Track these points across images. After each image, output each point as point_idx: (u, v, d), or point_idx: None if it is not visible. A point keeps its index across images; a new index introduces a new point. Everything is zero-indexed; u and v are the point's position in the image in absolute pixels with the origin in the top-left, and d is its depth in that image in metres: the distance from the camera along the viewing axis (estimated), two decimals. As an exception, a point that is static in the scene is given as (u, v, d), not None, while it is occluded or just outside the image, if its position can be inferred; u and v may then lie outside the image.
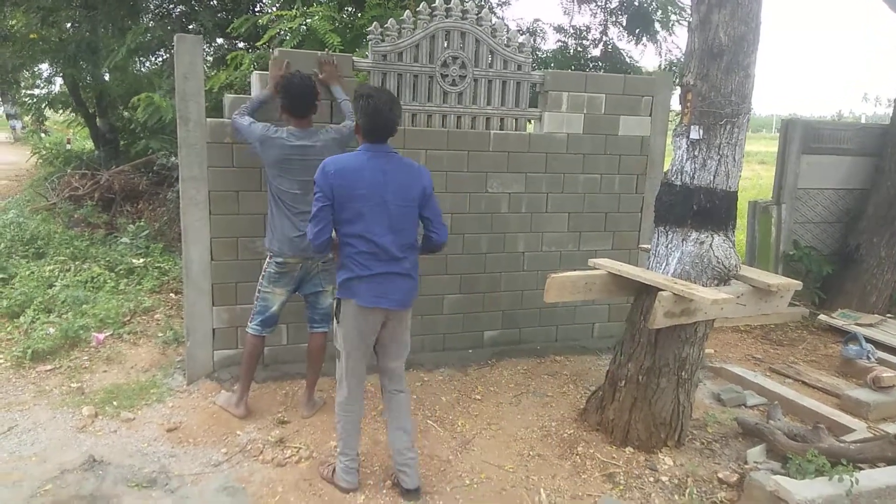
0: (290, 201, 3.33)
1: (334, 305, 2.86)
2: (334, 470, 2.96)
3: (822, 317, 5.50)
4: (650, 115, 4.61)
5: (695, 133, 2.93)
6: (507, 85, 4.30)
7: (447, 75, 4.15)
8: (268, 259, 3.44)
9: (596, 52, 7.38)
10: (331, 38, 5.08)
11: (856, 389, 4.07)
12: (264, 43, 5.33)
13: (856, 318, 5.40)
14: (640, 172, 4.67)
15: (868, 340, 4.79)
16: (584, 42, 7.42)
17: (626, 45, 7.51)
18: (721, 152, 2.92)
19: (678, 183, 3.04)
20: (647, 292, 3.17)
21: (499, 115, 4.31)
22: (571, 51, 7.20)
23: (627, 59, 7.29)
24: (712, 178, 2.95)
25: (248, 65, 5.33)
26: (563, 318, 4.73)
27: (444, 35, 4.10)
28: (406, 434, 2.91)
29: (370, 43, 3.98)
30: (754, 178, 15.47)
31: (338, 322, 2.85)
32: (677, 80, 3.08)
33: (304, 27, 5.54)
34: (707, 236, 2.99)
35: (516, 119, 4.38)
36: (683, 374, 3.19)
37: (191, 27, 7.57)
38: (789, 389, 4.08)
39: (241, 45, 7.15)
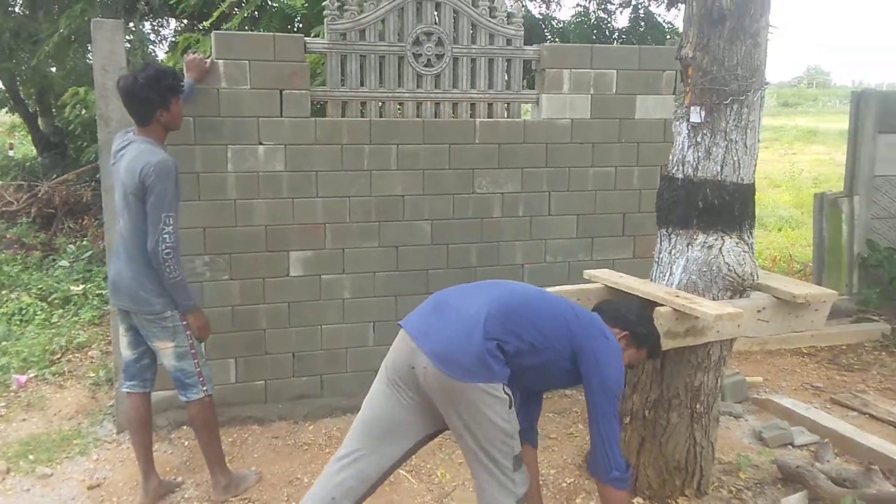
0: None
1: None
2: None
3: (906, 334, 5.47)
4: (674, 94, 4.67)
5: (695, 115, 3.00)
6: (494, 64, 4.41)
7: (421, 55, 4.28)
8: None
9: (624, 18, 7.47)
10: (294, 1, 5.24)
11: (935, 423, 4.07)
12: (214, 21, 5.54)
13: (950, 335, 5.36)
14: (664, 163, 4.71)
15: (960, 362, 4.76)
16: (610, 5, 7.52)
17: (658, 8, 7.59)
18: (728, 137, 2.99)
19: (680, 176, 3.12)
20: (651, 309, 3.23)
21: (486, 100, 4.42)
22: (593, 18, 7.29)
23: (664, 26, 7.36)
24: (719, 168, 3.01)
25: (207, 49, 5.52)
26: (577, 344, 4.78)
27: (415, 7, 4.23)
28: None
29: (326, 20, 4.13)
30: (831, 163, 15.37)
31: None
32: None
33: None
34: (716, 239, 3.05)
35: (508, 104, 4.49)
36: (698, 406, 3.24)
37: (138, 5, 7.86)
38: (849, 425, 4.08)
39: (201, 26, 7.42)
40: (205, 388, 3.35)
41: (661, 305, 2.97)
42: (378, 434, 2.60)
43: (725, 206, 3.03)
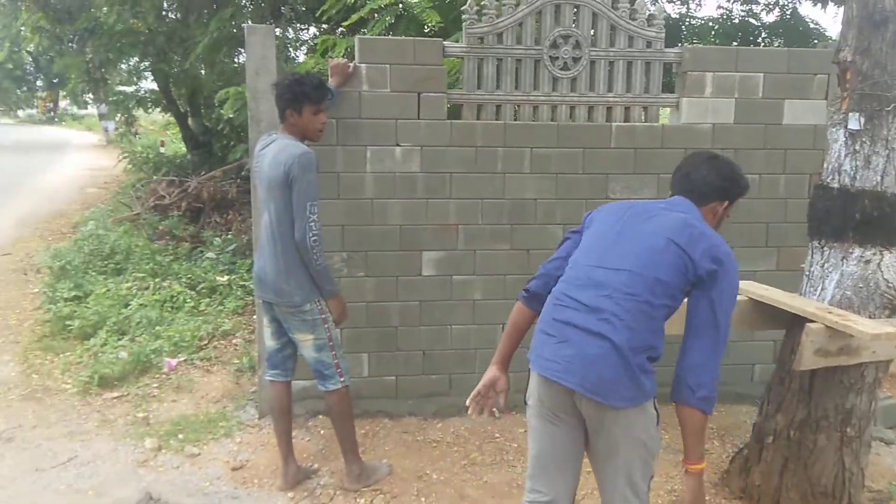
0: None
1: None
2: None
3: None
4: (826, 98, 4.43)
5: (854, 122, 2.84)
6: (632, 67, 4.32)
7: (557, 58, 4.25)
8: None
9: (770, 18, 7.16)
10: (429, 17, 5.35)
11: None
12: (352, 24, 5.70)
13: None
14: (814, 171, 4.48)
15: None
16: (755, 7, 7.21)
17: (810, 9, 7.24)
18: (890, 146, 2.82)
19: (835, 185, 2.96)
20: (799, 325, 3.08)
21: (623, 104, 4.35)
22: (737, 18, 7.02)
23: (812, 28, 7.00)
24: (879, 178, 2.85)
25: (342, 51, 5.73)
26: (711, 356, 4.63)
27: (553, 10, 4.21)
28: None
29: (464, 24, 4.18)
30: None
31: None
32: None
33: (401, 5, 5.88)
34: (874, 253, 2.88)
35: (645, 108, 4.40)
36: (849, 430, 3.06)
37: (283, 10, 8.24)
38: None
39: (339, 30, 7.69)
40: (342, 379, 3.48)
41: (812, 322, 2.82)
42: (553, 468, 2.51)
43: (885, 219, 2.86)
